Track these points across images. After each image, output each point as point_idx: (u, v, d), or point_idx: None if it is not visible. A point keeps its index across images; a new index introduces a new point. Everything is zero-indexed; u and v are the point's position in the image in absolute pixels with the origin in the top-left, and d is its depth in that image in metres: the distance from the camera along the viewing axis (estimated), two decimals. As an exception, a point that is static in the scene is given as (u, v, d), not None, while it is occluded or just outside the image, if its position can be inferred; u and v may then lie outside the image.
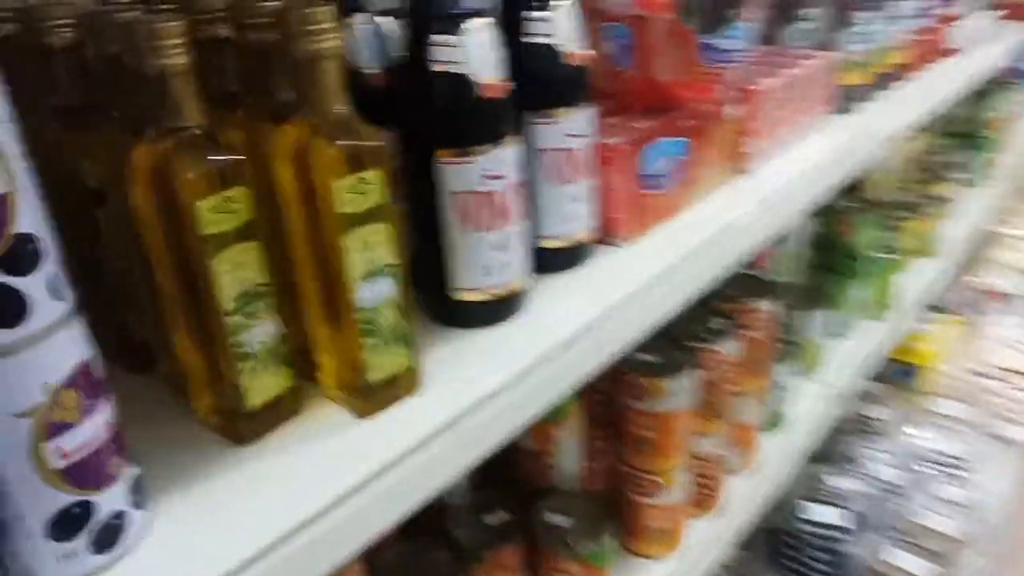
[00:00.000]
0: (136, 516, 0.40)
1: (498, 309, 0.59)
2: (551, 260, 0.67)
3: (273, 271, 0.46)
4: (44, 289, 0.34)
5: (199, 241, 0.41)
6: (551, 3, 0.59)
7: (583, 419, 0.82)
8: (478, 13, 0.51)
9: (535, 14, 0.59)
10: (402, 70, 0.55)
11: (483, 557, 0.75)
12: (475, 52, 0.52)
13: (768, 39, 0.96)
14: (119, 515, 0.39)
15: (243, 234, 0.43)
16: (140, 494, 0.41)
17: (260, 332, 0.46)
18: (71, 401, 0.35)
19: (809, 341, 1.19)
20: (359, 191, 0.44)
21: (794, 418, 1.13)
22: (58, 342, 0.34)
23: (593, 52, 0.62)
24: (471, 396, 0.51)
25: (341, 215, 0.44)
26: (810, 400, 1.16)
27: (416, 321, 0.58)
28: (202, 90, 0.48)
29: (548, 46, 0.60)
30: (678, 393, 0.80)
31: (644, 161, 0.71)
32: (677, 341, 0.85)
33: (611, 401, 0.84)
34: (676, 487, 0.86)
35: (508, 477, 0.85)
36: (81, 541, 0.37)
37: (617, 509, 0.86)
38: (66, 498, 0.36)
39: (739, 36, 0.79)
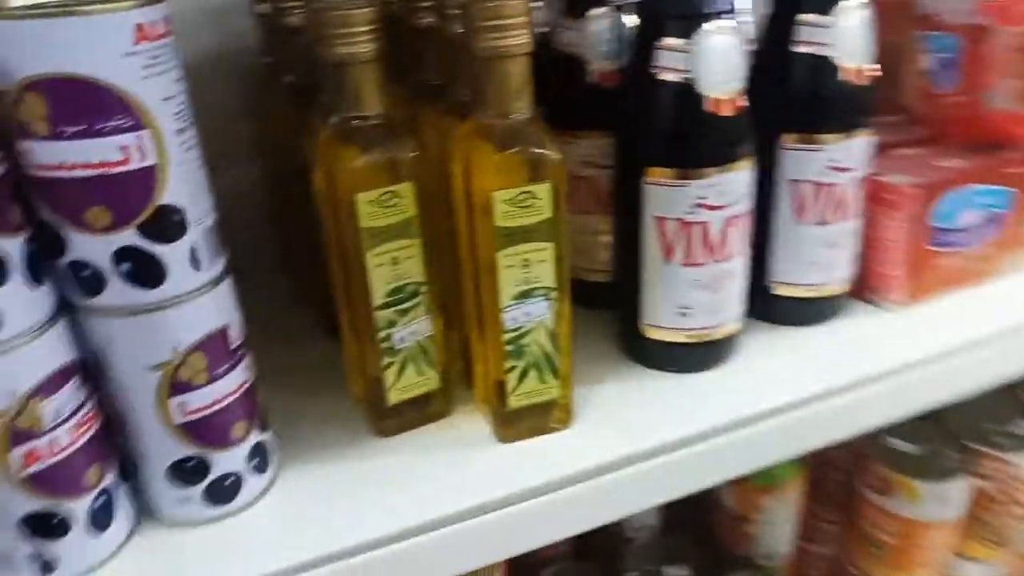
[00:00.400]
0: (253, 479, 0.42)
1: (695, 354, 0.51)
2: (787, 310, 0.56)
3: (439, 271, 0.45)
4: (184, 258, 0.36)
5: (356, 233, 0.41)
6: (835, 6, 0.48)
7: (804, 492, 0.70)
8: (717, 14, 0.44)
9: (808, 18, 0.49)
10: (628, 72, 0.49)
11: (648, 611, 0.68)
12: (706, 60, 0.44)
13: None
14: (235, 475, 0.41)
15: (404, 231, 0.42)
16: (262, 459, 0.42)
17: (410, 330, 0.45)
18: (199, 363, 0.37)
19: None
20: (523, 204, 0.40)
21: None
22: (194, 308, 0.37)
23: (877, 69, 0.50)
24: (632, 445, 0.45)
25: (499, 228, 0.40)
26: None
27: (594, 350, 0.54)
28: (405, 79, 0.47)
29: (820, 58, 0.49)
30: (937, 500, 0.64)
31: (941, 210, 0.56)
32: (955, 436, 0.68)
33: (849, 484, 0.70)
34: (915, 610, 0.69)
35: (705, 530, 0.76)
36: (196, 491, 0.40)
37: (824, 612, 0.72)
38: (184, 450, 0.39)
39: None
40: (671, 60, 0.44)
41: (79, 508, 0.37)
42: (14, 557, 0.36)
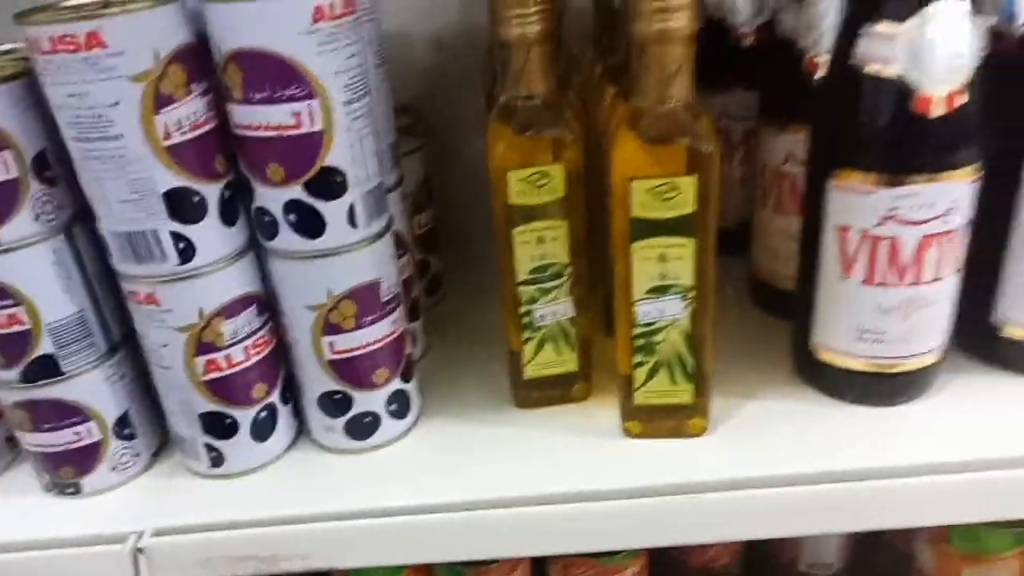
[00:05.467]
0: (390, 423, 0.46)
1: (872, 385, 0.46)
2: (1015, 355, 0.47)
3: (590, 255, 0.45)
4: (343, 215, 0.40)
5: (505, 209, 0.43)
6: None
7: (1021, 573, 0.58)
8: (941, -3, 0.37)
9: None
10: (832, 59, 0.44)
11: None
12: (922, 49, 0.38)
13: None
14: (373, 415, 0.45)
15: (552, 211, 0.43)
16: (401, 406, 0.46)
17: (551, 310, 0.45)
18: (349, 311, 0.42)
19: None
20: (664, 197, 0.38)
21: None
22: (347, 261, 0.41)
23: None
24: (764, 468, 0.42)
25: (635, 219, 0.39)
26: None
27: (750, 350, 0.50)
28: (588, 61, 0.47)
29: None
30: None
31: None
32: None
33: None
34: None
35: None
36: (338, 422, 0.45)
37: None
38: (331, 384, 0.44)
39: None
40: (878, 46, 0.39)
41: (245, 416, 0.44)
42: (196, 443, 0.44)
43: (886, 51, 0.39)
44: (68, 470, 0.44)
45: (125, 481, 0.46)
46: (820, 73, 0.48)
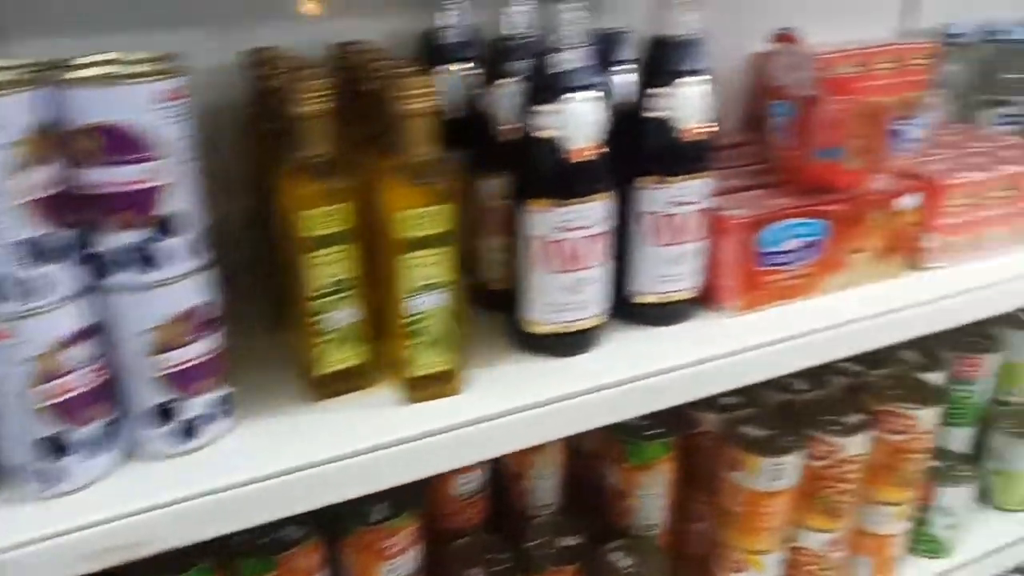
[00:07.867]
0: (218, 422, 0.56)
1: (561, 342, 0.66)
2: (643, 314, 0.72)
3: (370, 272, 0.60)
4: (184, 249, 0.50)
5: (298, 241, 0.56)
6: (678, 81, 0.65)
7: (674, 471, 0.85)
8: (581, 87, 0.60)
9: (652, 90, 0.66)
10: (518, 130, 0.65)
11: (545, 569, 0.82)
12: (568, 119, 0.60)
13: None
14: (202, 417, 0.54)
15: (337, 239, 0.57)
16: (227, 407, 0.56)
17: (339, 316, 0.59)
18: (181, 329, 0.52)
19: (1018, 473, 1.05)
20: (429, 219, 0.55)
21: (968, 552, 1.01)
22: (182, 288, 0.51)
23: (713, 128, 0.66)
24: (503, 405, 0.60)
25: (400, 239, 0.55)
26: (1001, 538, 1.04)
27: (481, 337, 0.68)
28: (348, 129, 0.63)
29: (661, 120, 0.66)
30: (771, 473, 0.79)
31: (766, 237, 0.72)
32: (795, 422, 0.84)
33: (712, 468, 0.86)
34: (766, 573, 0.84)
35: (597, 509, 0.91)
36: (172, 427, 0.54)
37: None
38: (166, 395, 0.53)
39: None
40: (543, 119, 0.61)
41: (81, 436, 0.50)
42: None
43: (546, 122, 0.61)
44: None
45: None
46: (510, 136, 0.69)
